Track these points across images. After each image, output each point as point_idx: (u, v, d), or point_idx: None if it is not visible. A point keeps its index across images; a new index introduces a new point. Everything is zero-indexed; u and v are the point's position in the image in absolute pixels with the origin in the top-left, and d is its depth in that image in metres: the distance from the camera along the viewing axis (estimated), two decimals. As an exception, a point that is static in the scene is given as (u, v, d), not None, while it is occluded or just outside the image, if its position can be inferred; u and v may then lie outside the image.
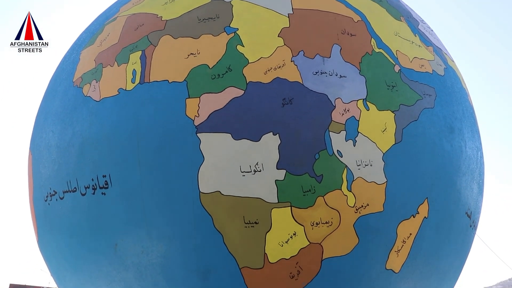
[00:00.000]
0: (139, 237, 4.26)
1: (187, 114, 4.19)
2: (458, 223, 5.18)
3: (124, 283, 4.53)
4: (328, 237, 4.07)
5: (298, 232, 3.99)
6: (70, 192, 4.79)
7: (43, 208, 5.36)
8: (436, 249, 4.91)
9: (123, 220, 4.36)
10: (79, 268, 5.06)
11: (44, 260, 6.04)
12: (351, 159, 4.18)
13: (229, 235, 3.99)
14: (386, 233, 4.35)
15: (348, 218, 4.12)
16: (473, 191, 5.52)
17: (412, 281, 4.77)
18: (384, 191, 4.28)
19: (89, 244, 4.71)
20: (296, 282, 4.10)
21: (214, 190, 3.98)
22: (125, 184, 4.32)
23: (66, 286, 5.71)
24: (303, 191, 4.00)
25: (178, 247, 4.14)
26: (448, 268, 5.43)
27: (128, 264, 4.39)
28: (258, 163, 3.99)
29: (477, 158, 5.68)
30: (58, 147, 5.07)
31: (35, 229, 5.93)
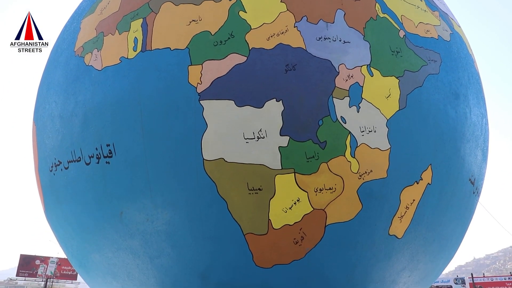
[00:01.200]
0: (143, 205, 4.29)
1: (189, 81, 4.17)
2: (461, 189, 5.19)
3: (130, 251, 4.59)
4: (331, 203, 4.08)
5: (301, 198, 4.00)
6: (75, 162, 4.81)
7: (48, 178, 5.40)
8: (439, 215, 4.93)
9: (127, 188, 4.38)
10: (85, 237, 5.12)
11: (51, 229, 6.13)
12: (355, 125, 4.16)
13: (233, 201, 4.01)
14: (390, 199, 4.36)
15: (351, 184, 4.13)
16: (477, 157, 5.51)
17: (415, 247, 4.80)
18: (388, 157, 4.28)
19: (94, 212, 4.76)
20: (299, 247, 4.14)
21: (218, 157, 3.98)
22: (129, 153, 4.33)
23: (73, 254, 5.80)
24: (307, 157, 4.00)
25: (183, 214, 4.17)
26: (450, 234, 5.47)
27: (134, 231, 4.44)
28: (262, 129, 3.98)
29: (482, 124, 5.65)
30: (61, 117, 5.06)
31: (41, 199, 5.99)
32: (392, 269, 4.78)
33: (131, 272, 4.77)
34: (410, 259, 4.87)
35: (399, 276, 4.92)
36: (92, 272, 5.63)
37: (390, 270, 4.77)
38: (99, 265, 5.23)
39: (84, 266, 5.73)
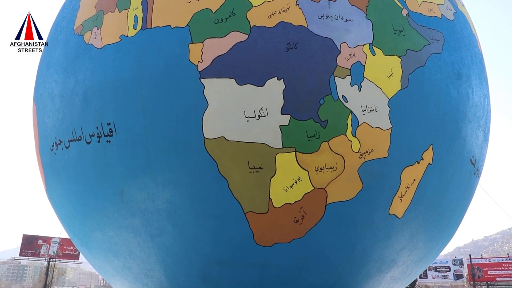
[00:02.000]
0: (144, 183, 4.30)
1: (190, 59, 4.13)
2: (462, 170, 5.20)
3: (131, 229, 4.61)
4: (332, 182, 4.09)
5: (302, 177, 4.01)
6: (75, 141, 4.81)
7: (49, 157, 5.40)
8: (439, 195, 4.94)
9: (128, 167, 4.39)
10: (87, 215, 5.15)
11: (53, 208, 6.16)
12: (356, 104, 4.15)
13: (233, 180, 4.02)
14: (390, 178, 4.37)
15: (352, 163, 4.13)
16: (478, 138, 5.50)
17: (415, 226, 4.83)
18: (389, 137, 4.27)
19: (96, 191, 4.77)
20: (300, 226, 4.16)
21: (219, 135, 3.98)
22: (130, 131, 4.32)
23: (75, 233, 5.83)
24: (308, 136, 3.99)
25: (184, 193, 4.18)
26: (450, 215, 5.49)
27: (135, 210, 4.46)
28: (263, 108, 3.96)
29: (484, 105, 5.62)
30: (61, 96, 5.04)
31: (42, 178, 6.01)
32: (391, 249, 4.81)
33: (133, 250, 4.80)
34: (409, 239, 4.90)
35: (398, 255, 4.96)
36: (93, 251, 5.67)
37: (389, 249, 4.80)
38: (100, 244, 5.27)
39: (85, 244, 5.77)
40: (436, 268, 45.64)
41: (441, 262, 46.71)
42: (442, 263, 46.46)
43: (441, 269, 45.74)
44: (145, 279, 5.07)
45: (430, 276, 45.55)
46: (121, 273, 5.40)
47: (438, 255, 6.60)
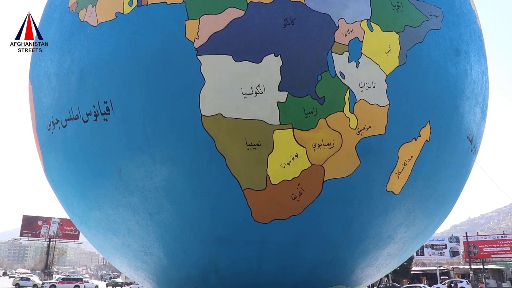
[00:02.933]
0: (142, 161, 4.30)
1: (186, 36, 4.09)
2: (459, 147, 5.20)
3: (129, 207, 4.63)
4: (329, 159, 4.10)
5: (300, 153, 4.01)
6: (72, 120, 4.79)
7: (46, 136, 5.39)
8: (436, 172, 4.96)
9: (126, 145, 4.38)
10: (85, 194, 5.16)
11: (51, 188, 6.17)
12: (354, 80, 4.12)
13: (231, 157, 4.02)
14: (388, 155, 4.38)
15: (349, 140, 4.13)
16: (476, 115, 5.49)
17: (412, 203, 4.86)
18: (387, 113, 4.26)
19: (94, 170, 4.77)
20: (297, 203, 4.18)
21: (216, 112, 3.96)
22: (127, 109, 4.31)
23: (74, 212, 5.86)
24: (305, 112, 3.98)
25: (181, 170, 4.19)
26: (447, 191, 5.52)
27: (133, 188, 4.47)
28: (260, 84, 3.94)
29: (482, 82, 5.60)
30: (57, 75, 5.01)
31: (40, 158, 6.00)
32: (388, 225, 4.84)
33: (131, 228, 4.83)
34: (406, 215, 4.94)
35: (395, 231, 5.00)
36: (93, 229, 5.70)
37: (386, 226, 4.84)
38: (99, 222, 5.29)
39: (85, 223, 5.80)
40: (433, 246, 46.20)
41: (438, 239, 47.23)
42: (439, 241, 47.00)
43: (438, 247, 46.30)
44: (144, 257, 5.11)
45: (426, 253, 46.13)
46: (120, 251, 5.44)
47: (435, 232, 6.65)
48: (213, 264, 4.71)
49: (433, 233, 6.24)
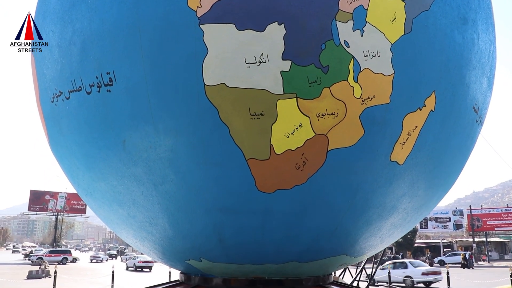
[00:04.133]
0: (146, 132, 4.30)
1: (189, 5, 4.02)
2: (464, 117, 5.17)
3: (134, 178, 4.66)
4: (333, 128, 4.08)
5: (303, 123, 3.99)
6: (76, 91, 4.78)
7: (50, 109, 5.39)
8: (441, 142, 4.94)
9: (129, 116, 4.38)
10: (90, 166, 5.19)
11: (57, 160, 6.20)
12: (358, 49, 4.07)
13: (235, 127, 4.01)
14: (392, 125, 4.35)
15: (354, 109, 4.10)
16: (482, 85, 5.43)
17: (416, 173, 4.85)
18: (391, 83, 4.22)
19: (98, 141, 4.79)
20: (301, 172, 4.19)
21: (219, 82, 3.93)
22: (130, 80, 4.28)
23: (79, 184, 5.90)
24: (309, 81, 3.95)
25: (185, 140, 4.19)
26: (451, 162, 5.51)
27: (137, 159, 4.48)
28: (263, 53, 3.89)
29: (490, 51, 5.52)
30: (59, 47, 4.97)
31: (45, 131, 6.02)
32: (392, 195, 4.86)
33: (136, 199, 4.87)
34: (410, 186, 4.94)
35: (399, 202, 5.01)
36: (98, 201, 5.76)
37: (390, 196, 4.85)
38: (105, 194, 5.34)
39: (90, 195, 5.85)
40: (437, 219, 46.49)
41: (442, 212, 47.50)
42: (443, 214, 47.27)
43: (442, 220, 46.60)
44: (149, 227, 5.17)
45: (430, 226, 46.47)
46: (126, 222, 5.50)
47: (439, 203, 6.67)
48: (217, 234, 4.75)
49: (436, 204, 6.26)
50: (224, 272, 5.51)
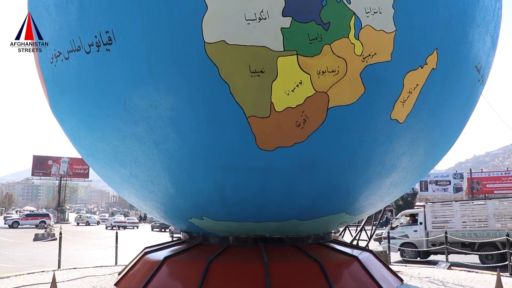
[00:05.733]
0: (146, 91, 4.29)
1: (187, -39, 3.94)
2: (466, 76, 5.13)
3: (135, 138, 4.67)
4: (334, 86, 4.06)
5: (304, 80, 3.97)
6: (75, 51, 4.74)
7: (50, 70, 5.36)
8: (442, 101, 4.92)
9: (129, 75, 4.36)
10: (91, 126, 5.20)
11: (58, 122, 6.21)
12: (360, 5, 4.00)
13: (235, 84, 3.99)
14: (393, 83, 4.33)
15: (354, 66, 4.08)
16: (486, 44, 5.36)
17: (416, 132, 4.86)
18: (393, 40, 4.17)
19: (98, 101, 4.78)
20: (302, 130, 4.20)
21: (219, 39, 3.89)
22: (129, 39, 4.24)
23: (81, 145, 5.93)
24: (310, 38, 3.90)
25: (186, 99, 4.18)
26: (452, 122, 5.50)
27: (138, 118, 4.49)
28: (263, 10, 3.83)
29: (495, 9, 5.42)
30: (56, 6, 4.89)
31: (45, 92, 6.00)
32: (392, 153, 4.88)
33: (138, 159, 4.90)
34: (410, 144, 4.96)
35: (399, 160, 5.04)
36: (100, 161, 5.80)
37: (390, 154, 4.87)
38: (106, 154, 5.37)
39: (92, 155, 5.89)
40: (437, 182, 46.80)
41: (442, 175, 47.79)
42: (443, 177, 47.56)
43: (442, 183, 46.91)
44: (151, 186, 5.23)
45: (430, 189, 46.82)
46: (128, 182, 5.56)
47: (439, 166, 6.71)
48: (218, 192, 4.81)
49: (436, 164, 6.29)
50: (226, 230, 5.61)
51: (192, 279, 5.03)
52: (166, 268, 5.48)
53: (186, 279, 5.17)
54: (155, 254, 6.02)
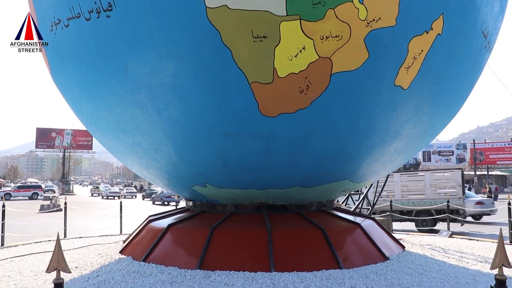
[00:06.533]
0: (148, 57, 4.24)
1: None
2: (472, 42, 5.05)
3: (137, 105, 4.65)
4: (337, 51, 4.00)
5: (307, 45, 3.91)
6: (75, 18, 4.67)
7: (50, 38, 5.30)
8: (447, 67, 4.86)
9: (130, 42, 4.30)
10: (93, 94, 5.17)
11: (59, 91, 6.18)
12: (365, -32, 3.90)
13: (237, 50, 3.94)
14: (397, 48, 4.26)
15: (358, 31, 4.00)
16: (494, 9, 5.25)
17: (420, 99, 4.82)
18: (398, 4, 4.08)
19: (99, 69, 4.74)
20: (305, 96, 4.16)
21: (221, 4, 3.82)
22: (129, 4, 4.16)
23: (83, 114, 5.91)
24: (313, 3, 3.82)
25: (187, 65, 4.13)
26: (456, 89, 5.44)
27: (140, 85, 4.45)
28: (266, -28, 3.74)
29: (503, -29, 5.29)
30: (55, -29, 4.80)
31: (46, 62, 5.95)
32: (396, 120, 4.85)
33: (140, 126, 4.89)
34: (414, 111, 4.92)
35: (402, 127, 5.02)
36: (103, 130, 5.80)
37: (394, 121, 4.85)
38: (109, 122, 5.36)
39: (95, 124, 5.88)
40: (440, 152, 46.87)
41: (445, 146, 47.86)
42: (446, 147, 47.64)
43: (445, 153, 46.99)
44: (154, 154, 5.24)
45: (433, 159, 46.91)
46: (131, 150, 5.57)
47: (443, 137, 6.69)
48: (221, 159, 4.82)
49: (439, 132, 6.25)
50: (229, 198, 5.65)
51: (196, 245, 5.09)
52: (170, 235, 5.55)
53: (190, 245, 5.24)
54: (159, 222, 6.09)
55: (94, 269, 5.06)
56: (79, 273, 4.86)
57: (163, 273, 4.66)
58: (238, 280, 4.37)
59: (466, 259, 5.76)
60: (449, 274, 4.75)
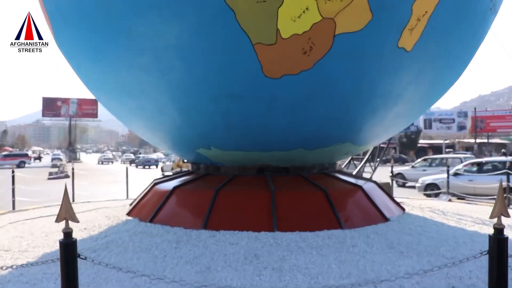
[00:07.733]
0: (151, 20, 4.23)
1: None
2: (477, 3, 4.99)
3: (141, 68, 4.66)
4: (341, 12, 3.98)
5: (310, 6, 3.90)
6: (77, -20, 4.65)
7: (53, 3, 5.27)
8: (451, 30, 4.82)
9: (133, 4, 4.28)
10: (97, 58, 5.18)
11: (64, 57, 6.18)
12: None
13: (240, 11, 3.92)
14: (401, 9, 4.23)
15: (362, -8, 3.97)
16: (501, -32, 5.17)
17: (423, 61, 4.81)
18: (402, -36, 4.04)
19: (103, 32, 4.73)
20: (308, 58, 4.17)
21: (223, -37, 3.79)
22: (131, -35, 4.14)
23: (88, 78, 5.95)
24: (317, -38, 3.79)
25: (190, 26, 4.13)
26: (459, 53, 5.40)
27: (144, 48, 4.46)
28: None
29: None
30: None
31: (49, 26, 5.93)
32: (398, 83, 4.86)
33: (145, 89, 4.93)
34: (417, 74, 4.92)
35: (405, 90, 5.02)
36: (108, 94, 5.85)
37: (396, 84, 4.85)
38: (114, 86, 5.39)
39: (100, 88, 5.93)
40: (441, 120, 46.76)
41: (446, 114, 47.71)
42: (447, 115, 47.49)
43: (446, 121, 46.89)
44: (159, 117, 5.29)
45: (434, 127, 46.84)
46: (136, 114, 5.63)
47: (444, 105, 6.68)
48: (225, 121, 4.87)
49: (441, 96, 6.23)
50: (233, 160, 5.73)
51: (201, 206, 5.21)
52: (176, 197, 5.67)
53: (195, 206, 5.36)
54: (165, 185, 6.20)
55: (102, 230, 5.20)
56: (88, 233, 5.00)
57: (169, 233, 4.79)
58: (242, 239, 4.49)
59: (464, 221, 5.87)
60: (447, 234, 4.85)
